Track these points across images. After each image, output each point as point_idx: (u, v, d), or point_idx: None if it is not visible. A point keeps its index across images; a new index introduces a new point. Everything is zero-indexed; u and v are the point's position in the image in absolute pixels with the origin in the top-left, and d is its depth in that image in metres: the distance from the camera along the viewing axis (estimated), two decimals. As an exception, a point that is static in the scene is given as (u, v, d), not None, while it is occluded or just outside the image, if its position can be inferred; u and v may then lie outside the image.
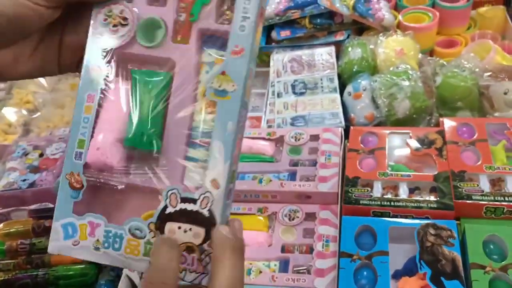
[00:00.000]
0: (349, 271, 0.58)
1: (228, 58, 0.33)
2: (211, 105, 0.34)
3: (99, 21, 0.36)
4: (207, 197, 0.33)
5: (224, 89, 0.33)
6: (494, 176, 0.65)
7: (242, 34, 0.33)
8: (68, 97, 1.04)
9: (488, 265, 0.55)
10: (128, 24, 0.35)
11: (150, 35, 0.35)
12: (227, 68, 0.33)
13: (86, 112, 0.35)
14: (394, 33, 0.98)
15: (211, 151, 0.33)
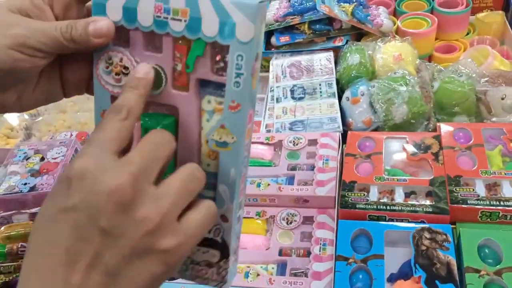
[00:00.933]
0: (345, 274, 0.58)
1: (226, 112, 0.34)
2: (214, 153, 0.35)
3: (102, 69, 0.36)
4: (219, 229, 0.37)
5: (224, 141, 0.34)
6: (490, 181, 0.66)
7: (237, 90, 0.33)
8: (70, 102, 1.05)
9: (482, 269, 0.56)
10: (130, 73, 0.35)
11: (154, 83, 0.35)
12: (225, 122, 0.34)
13: None
14: (392, 39, 0.99)
15: (218, 192, 0.35)
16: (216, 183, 0.35)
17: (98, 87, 0.36)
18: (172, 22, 0.33)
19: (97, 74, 0.36)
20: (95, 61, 0.36)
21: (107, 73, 0.36)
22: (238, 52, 0.32)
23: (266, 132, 0.89)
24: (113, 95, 0.36)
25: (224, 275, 0.38)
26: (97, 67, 0.36)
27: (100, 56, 0.36)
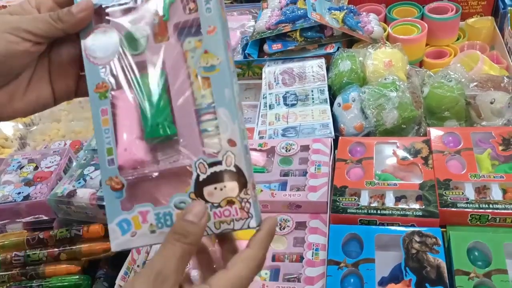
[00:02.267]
0: (336, 278, 0.59)
1: (206, 38, 0.39)
2: (206, 81, 0.39)
3: (90, 40, 0.40)
4: (229, 156, 0.38)
5: (211, 65, 0.38)
6: (479, 184, 0.67)
7: (210, 15, 0.39)
8: (64, 111, 1.06)
9: (472, 271, 0.56)
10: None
11: (135, 44, 0.40)
12: (207, 47, 0.39)
13: (104, 124, 0.40)
14: (383, 45, 1.00)
15: (219, 117, 0.38)
16: (215, 110, 0.38)
17: (88, 66, 0.40)
18: None
19: (85, 54, 0.40)
20: (83, 43, 0.40)
21: (95, 40, 0.40)
22: None
23: (259, 138, 0.89)
24: (102, 66, 0.40)
25: (248, 209, 0.38)
26: (85, 49, 0.40)
27: (86, 37, 0.40)
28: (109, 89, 0.40)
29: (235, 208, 0.38)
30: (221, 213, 0.38)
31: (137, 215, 0.39)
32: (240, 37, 1.16)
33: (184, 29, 0.40)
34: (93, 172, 0.76)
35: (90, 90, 0.40)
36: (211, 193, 0.38)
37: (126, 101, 0.40)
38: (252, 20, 1.23)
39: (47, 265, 0.71)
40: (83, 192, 0.74)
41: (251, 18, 1.24)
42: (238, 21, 1.24)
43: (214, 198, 0.38)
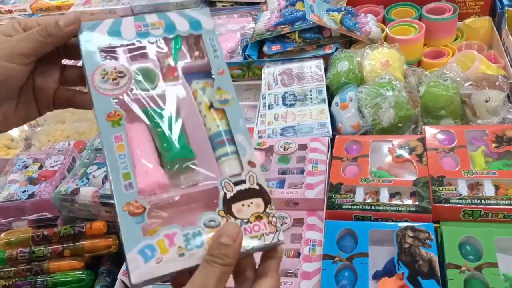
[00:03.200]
0: (331, 272, 0.60)
1: (217, 78, 0.44)
2: (220, 112, 0.44)
3: (98, 80, 0.42)
4: (252, 175, 0.41)
5: (225, 99, 0.44)
6: (472, 181, 0.68)
7: (218, 60, 0.45)
8: (68, 113, 1.08)
9: (463, 265, 0.58)
10: (126, 75, 0.43)
11: (148, 80, 0.44)
12: (220, 85, 0.44)
13: (119, 150, 0.40)
14: (380, 46, 1.02)
15: (238, 143, 0.43)
16: (233, 137, 0.43)
17: (97, 97, 0.41)
18: (152, 30, 0.45)
19: (94, 86, 0.41)
20: (90, 77, 0.42)
21: (104, 82, 0.42)
22: (209, 36, 0.46)
23: (258, 138, 0.91)
24: (114, 97, 0.42)
25: (275, 222, 0.40)
26: (93, 81, 0.41)
27: (93, 71, 0.42)
28: (123, 117, 0.41)
29: (263, 223, 0.40)
30: (251, 229, 0.39)
31: (162, 238, 0.38)
32: (240, 38, 1.18)
33: (191, 74, 0.46)
34: (96, 171, 0.78)
35: (101, 119, 0.41)
36: (240, 210, 0.40)
37: (140, 130, 0.43)
38: (252, 22, 1.25)
39: (51, 261, 0.73)
40: (86, 190, 0.76)
41: (251, 20, 1.26)
42: (239, 23, 1.26)
43: (243, 214, 0.40)
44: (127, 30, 0.44)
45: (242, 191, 0.40)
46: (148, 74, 0.44)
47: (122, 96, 0.42)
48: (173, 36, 0.45)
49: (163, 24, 0.45)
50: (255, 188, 0.41)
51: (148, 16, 0.45)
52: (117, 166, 0.40)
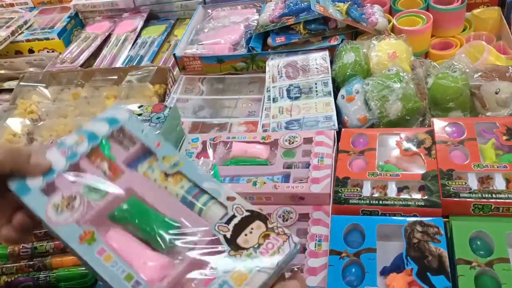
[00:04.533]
0: (338, 268, 0.59)
1: (157, 150, 0.48)
2: (178, 175, 0.46)
3: (54, 216, 0.43)
4: (238, 207, 0.44)
5: (174, 163, 0.47)
6: (483, 174, 0.66)
7: (149, 137, 0.48)
8: (71, 107, 1.07)
9: (474, 260, 0.56)
10: (75, 196, 0.45)
11: (98, 190, 0.46)
12: (163, 154, 0.47)
13: (108, 261, 0.41)
14: (387, 37, 1.00)
15: (208, 189, 0.45)
16: (201, 188, 0.45)
17: (61, 230, 0.43)
18: (78, 148, 0.47)
19: (53, 223, 0.43)
20: (46, 219, 0.43)
21: (60, 214, 0.43)
22: (128, 124, 0.49)
23: (263, 131, 0.90)
24: (76, 220, 0.43)
25: (283, 231, 0.42)
26: (50, 220, 0.43)
27: (45, 212, 0.43)
28: (95, 232, 0.43)
29: (273, 237, 0.41)
30: (266, 249, 0.40)
31: None
32: (244, 30, 1.17)
33: (133, 161, 0.48)
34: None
35: (76, 246, 0.42)
36: (246, 240, 0.41)
37: (117, 232, 0.44)
38: (256, 14, 1.23)
39: (54, 257, 0.72)
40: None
41: (255, 12, 1.24)
42: (242, 15, 1.24)
43: (251, 242, 0.41)
44: (56, 161, 0.47)
45: (238, 224, 0.42)
46: (95, 184, 0.46)
47: (85, 215, 0.44)
48: (98, 141, 0.48)
49: (84, 138, 0.48)
50: (247, 215, 0.43)
51: (68, 138, 0.48)
52: (115, 274, 0.40)
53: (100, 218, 0.45)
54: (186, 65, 1.13)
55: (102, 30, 1.37)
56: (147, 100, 1.06)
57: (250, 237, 0.41)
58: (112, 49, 1.29)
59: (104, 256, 0.41)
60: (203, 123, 0.99)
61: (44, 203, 0.44)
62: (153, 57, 1.24)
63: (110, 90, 1.10)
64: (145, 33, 1.34)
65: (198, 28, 1.23)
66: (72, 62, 1.24)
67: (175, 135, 0.89)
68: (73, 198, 0.45)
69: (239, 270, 0.40)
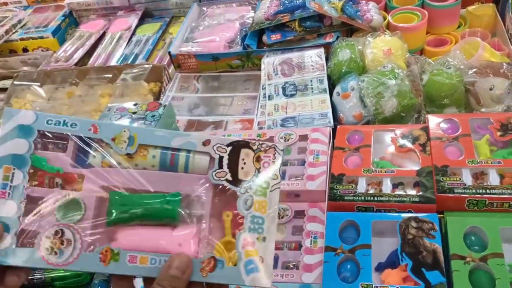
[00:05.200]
0: (333, 264, 0.59)
1: (96, 135, 0.44)
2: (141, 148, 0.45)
3: (54, 258, 0.41)
4: (218, 146, 0.45)
5: (128, 138, 0.44)
6: (477, 170, 0.66)
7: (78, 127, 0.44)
8: (65, 105, 1.07)
9: (468, 255, 0.56)
10: (61, 229, 0.42)
11: (74, 210, 0.43)
12: (109, 135, 0.44)
13: (144, 262, 0.42)
14: (382, 34, 1.00)
15: (180, 145, 0.45)
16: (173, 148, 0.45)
17: (78, 266, 0.41)
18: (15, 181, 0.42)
19: (63, 264, 0.41)
20: (49, 265, 0.41)
21: (60, 254, 0.41)
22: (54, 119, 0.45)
23: (258, 129, 0.90)
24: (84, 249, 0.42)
25: (267, 145, 0.44)
26: (56, 264, 0.41)
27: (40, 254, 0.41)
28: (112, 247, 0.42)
29: (264, 156, 0.44)
30: (264, 168, 0.44)
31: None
32: (239, 28, 1.16)
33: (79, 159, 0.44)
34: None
35: (105, 270, 0.42)
36: (246, 173, 0.44)
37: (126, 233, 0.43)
38: (251, 11, 1.22)
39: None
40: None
41: (250, 9, 1.24)
42: (237, 12, 1.23)
43: (250, 171, 0.43)
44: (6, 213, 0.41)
45: (229, 163, 0.43)
46: (65, 203, 0.43)
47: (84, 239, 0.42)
48: (28, 161, 0.42)
49: (10, 167, 0.42)
50: (231, 150, 0.44)
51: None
52: (156, 267, 0.41)
53: (101, 231, 0.42)
54: (181, 63, 1.13)
55: (97, 28, 1.37)
56: (142, 98, 1.05)
57: (246, 167, 0.43)
58: (107, 48, 1.28)
59: (138, 260, 0.41)
60: (198, 121, 0.99)
61: (35, 255, 0.41)
62: (148, 56, 1.24)
63: (105, 88, 1.10)
64: (140, 31, 1.34)
65: (193, 26, 1.23)
66: (66, 61, 1.24)
67: (170, 133, 0.89)
68: (59, 232, 0.42)
69: (256, 201, 0.43)
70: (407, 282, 0.56)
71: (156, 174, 0.44)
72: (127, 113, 0.87)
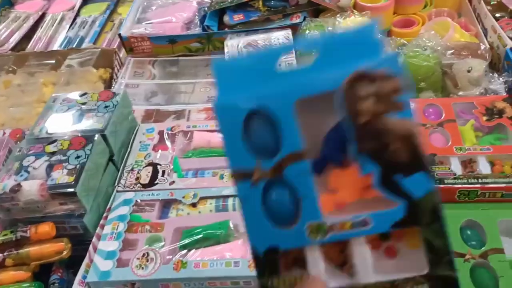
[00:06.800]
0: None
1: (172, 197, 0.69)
2: (202, 200, 0.69)
3: (141, 271, 0.59)
4: None
5: (193, 195, 0.68)
6: (466, 158, 0.63)
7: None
8: (2, 97, 0.94)
9: (467, 253, 0.52)
10: (147, 252, 0.60)
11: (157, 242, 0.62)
12: (181, 195, 0.69)
13: (205, 266, 0.58)
14: (352, 14, 0.95)
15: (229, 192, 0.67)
16: (223, 196, 0.68)
17: (159, 275, 0.58)
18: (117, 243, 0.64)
19: (148, 275, 0.58)
20: (138, 277, 0.58)
21: (145, 268, 0.58)
22: None
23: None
24: (164, 263, 0.59)
25: None
26: (142, 276, 0.58)
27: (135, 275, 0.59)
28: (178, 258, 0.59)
29: None
30: None
31: None
32: (197, 7, 1.07)
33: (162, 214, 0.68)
34: (35, 162, 0.66)
35: (178, 276, 0.57)
36: None
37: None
38: (210, -10, 1.13)
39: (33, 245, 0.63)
40: (29, 184, 0.64)
41: (208, -13, 1.15)
42: (195, -9, 1.14)
43: None
44: None
45: None
46: (152, 240, 0.62)
47: (163, 257, 0.59)
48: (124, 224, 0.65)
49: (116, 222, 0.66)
50: None
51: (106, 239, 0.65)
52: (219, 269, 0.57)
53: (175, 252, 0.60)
54: (133, 47, 1.03)
55: (35, 9, 1.23)
56: (91, 86, 0.94)
57: None
58: (48, 30, 1.15)
59: (201, 264, 0.57)
60: (157, 111, 0.90)
61: (128, 271, 0.58)
62: (95, 39, 1.12)
63: (48, 76, 0.98)
64: (84, 12, 1.21)
65: (145, 5, 1.12)
66: (1, 46, 1.10)
67: (126, 125, 0.79)
68: (146, 254, 0.59)
69: None
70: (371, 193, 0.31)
71: (213, 216, 0.64)
72: (76, 104, 0.77)
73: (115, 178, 0.73)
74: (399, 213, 0.30)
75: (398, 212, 0.30)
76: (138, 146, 0.77)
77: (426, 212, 0.31)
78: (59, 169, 0.66)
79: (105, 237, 0.63)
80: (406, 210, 0.30)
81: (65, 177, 0.65)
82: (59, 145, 0.69)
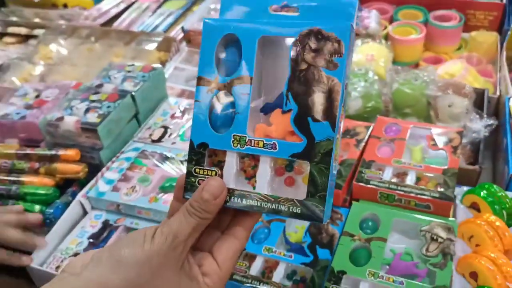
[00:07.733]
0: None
1: None
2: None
3: (127, 197, 0.79)
4: None
5: None
6: (400, 170, 0.72)
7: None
8: (83, 59, 1.21)
9: (357, 235, 0.63)
10: (134, 186, 0.80)
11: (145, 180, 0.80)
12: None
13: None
14: (372, 41, 1.06)
15: None
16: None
17: (139, 202, 0.77)
18: None
19: (132, 199, 0.79)
20: (121, 200, 0.77)
21: (130, 195, 0.78)
22: None
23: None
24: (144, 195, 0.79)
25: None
26: (127, 200, 0.78)
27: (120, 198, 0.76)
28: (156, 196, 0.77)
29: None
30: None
31: None
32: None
33: None
34: (79, 104, 0.89)
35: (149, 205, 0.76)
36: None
37: None
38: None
39: (28, 175, 0.85)
40: (69, 118, 0.86)
41: None
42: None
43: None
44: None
45: None
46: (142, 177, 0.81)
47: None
48: None
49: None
50: None
51: None
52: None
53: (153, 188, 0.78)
54: (191, 39, 1.24)
55: (129, -5, 1.50)
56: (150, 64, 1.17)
57: None
58: (132, 14, 1.41)
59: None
60: (190, 92, 1.10)
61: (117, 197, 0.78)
62: (167, 29, 1.36)
63: (120, 49, 1.22)
64: (166, 5, 1.46)
65: (212, 8, 1.33)
66: (94, 20, 1.38)
67: (157, 95, 1.00)
68: (134, 187, 0.78)
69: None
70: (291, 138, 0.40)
71: None
72: (123, 71, 0.99)
73: (135, 131, 0.93)
74: (300, 147, 0.38)
75: (299, 146, 0.38)
76: (161, 112, 0.97)
77: (319, 153, 0.38)
78: (93, 112, 0.87)
79: (111, 169, 0.84)
80: (306, 146, 0.38)
81: (94, 118, 0.86)
82: (99, 96, 0.91)
